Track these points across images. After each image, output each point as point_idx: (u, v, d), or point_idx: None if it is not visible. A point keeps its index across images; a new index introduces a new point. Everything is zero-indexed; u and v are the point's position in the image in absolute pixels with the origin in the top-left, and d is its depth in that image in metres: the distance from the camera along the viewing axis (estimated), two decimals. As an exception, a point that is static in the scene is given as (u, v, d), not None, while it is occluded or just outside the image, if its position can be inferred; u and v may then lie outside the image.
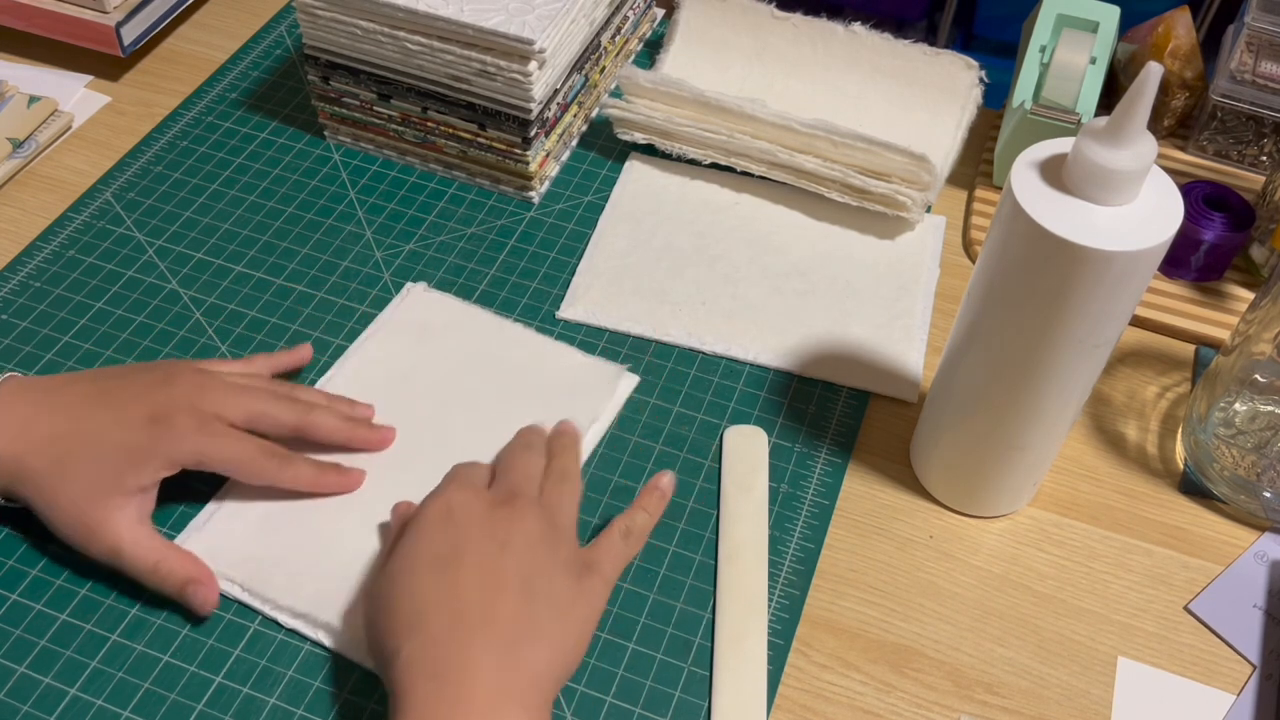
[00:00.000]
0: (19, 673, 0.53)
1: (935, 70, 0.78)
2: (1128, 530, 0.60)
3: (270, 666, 0.53)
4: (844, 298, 0.69)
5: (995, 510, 0.60)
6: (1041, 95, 0.69)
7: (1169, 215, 0.46)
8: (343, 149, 0.77)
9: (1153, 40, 0.77)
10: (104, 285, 0.68)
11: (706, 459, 0.61)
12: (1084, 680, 0.54)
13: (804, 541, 0.58)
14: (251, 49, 0.85)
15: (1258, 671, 0.55)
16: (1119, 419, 0.65)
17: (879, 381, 0.65)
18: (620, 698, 0.53)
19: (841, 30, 0.79)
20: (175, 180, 0.75)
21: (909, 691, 0.54)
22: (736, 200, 0.74)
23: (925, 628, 0.56)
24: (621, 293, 0.69)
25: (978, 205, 0.74)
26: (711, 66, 0.81)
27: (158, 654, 0.53)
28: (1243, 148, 0.76)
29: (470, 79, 0.68)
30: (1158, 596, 0.57)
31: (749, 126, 0.73)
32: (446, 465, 0.56)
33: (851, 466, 0.62)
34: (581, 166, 0.77)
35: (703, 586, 0.57)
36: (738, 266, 0.70)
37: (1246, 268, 0.70)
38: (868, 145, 0.70)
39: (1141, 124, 0.44)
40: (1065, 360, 0.50)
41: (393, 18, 0.68)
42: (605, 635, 0.55)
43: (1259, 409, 0.61)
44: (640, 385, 0.64)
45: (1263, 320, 0.56)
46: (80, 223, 0.72)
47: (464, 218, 0.73)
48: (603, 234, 0.72)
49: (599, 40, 0.76)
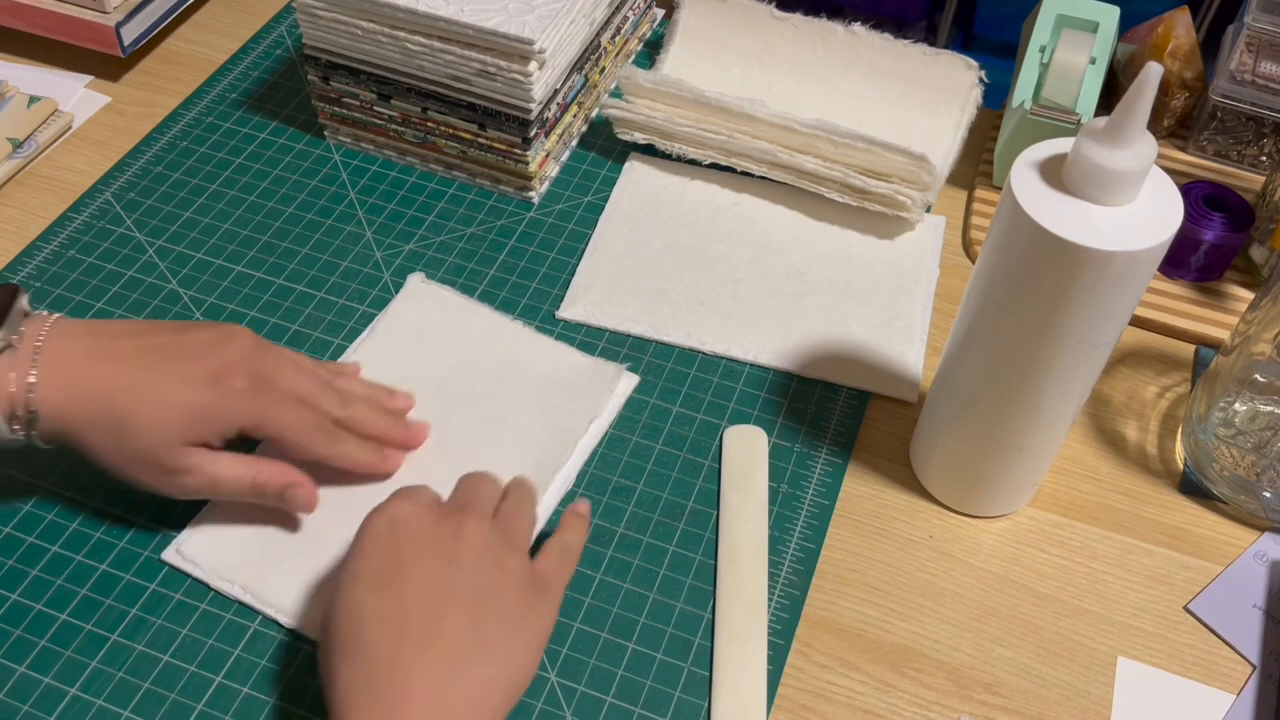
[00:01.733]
0: (19, 673, 0.53)
1: (935, 70, 0.78)
2: (1128, 530, 0.60)
3: (270, 666, 0.53)
4: (844, 298, 0.69)
5: (995, 510, 0.60)
6: (1041, 95, 0.69)
7: (1169, 215, 0.46)
8: (343, 149, 0.77)
9: (1153, 40, 0.77)
10: (104, 285, 0.68)
11: (706, 459, 0.61)
12: (1084, 680, 0.54)
13: (804, 541, 0.58)
14: (251, 49, 0.85)
15: (1258, 671, 0.55)
16: (1119, 419, 0.65)
17: (879, 381, 0.65)
18: (620, 698, 0.53)
19: (841, 30, 0.79)
20: (175, 180, 0.75)
21: (909, 691, 0.54)
22: (736, 200, 0.74)
23: (925, 628, 0.56)
24: (621, 293, 0.69)
25: (978, 205, 0.74)
26: (711, 66, 0.81)
27: (158, 654, 0.53)
28: (1242, 148, 0.76)
29: (470, 79, 0.68)
30: (1158, 596, 0.57)
31: (749, 126, 0.73)
32: (447, 466, 0.56)
33: (851, 466, 0.62)
34: (581, 166, 0.77)
35: (703, 586, 0.57)
36: (737, 267, 0.70)
37: (1246, 268, 0.70)
38: (867, 145, 0.70)
39: (1141, 124, 0.44)
40: (1065, 360, 0.50)
41: (393, 18, 0.68)
42: (605, 635, 0.55)
43: (1259, 409, 0.61)
44: (640, 385, 0.64)
45: (1263, 320, 0.56)
46: (80, 223, 0.72)
47: (464, 218, 0.73)
48: (602, 234, 0.72)
49: (599, 40, 0.76)
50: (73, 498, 0.58)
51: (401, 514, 0.49)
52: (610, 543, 0.58)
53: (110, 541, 0.57)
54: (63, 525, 0.58)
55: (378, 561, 0.48)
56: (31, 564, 0.56)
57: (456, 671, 0.45)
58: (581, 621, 0.55)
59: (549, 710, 0.52)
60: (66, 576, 0.56)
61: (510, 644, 0.47)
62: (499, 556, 0.49)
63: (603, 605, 0.56)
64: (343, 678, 0.45)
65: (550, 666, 0.54)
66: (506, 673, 0.47)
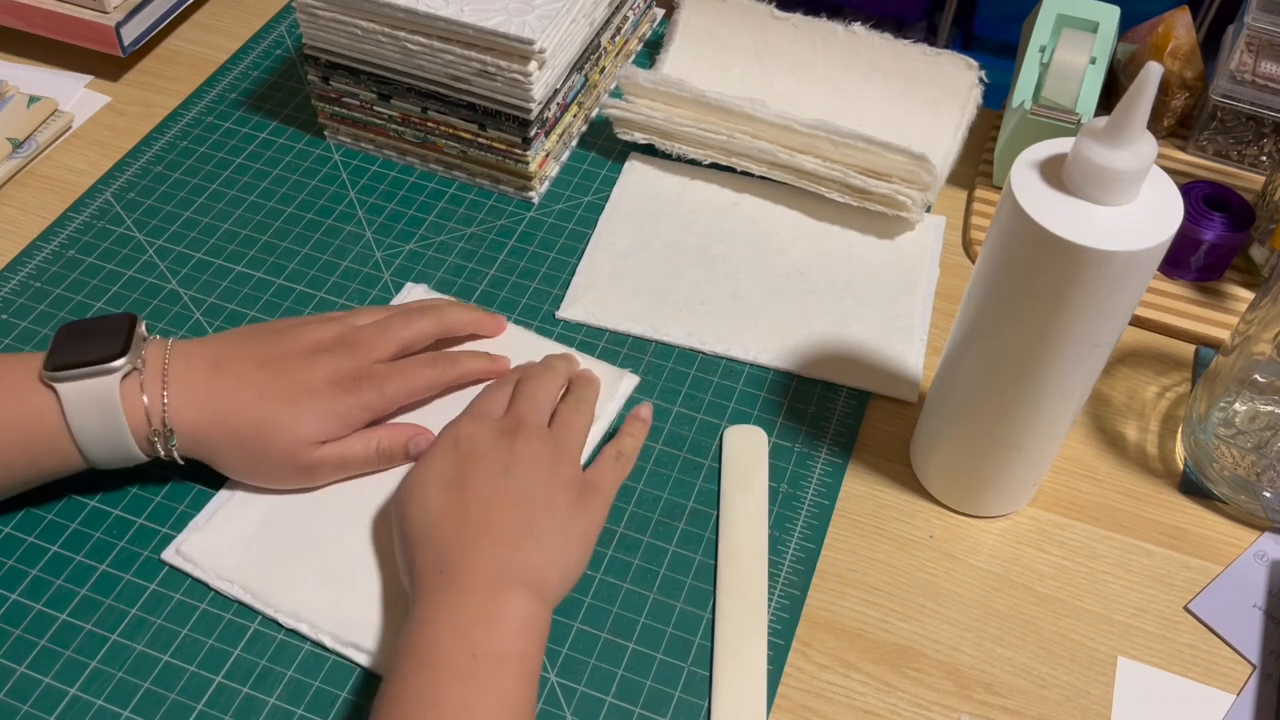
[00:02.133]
0: (19, 673, 0.53)
1: (935, 70, 0.78)
2: (1128, 530, 0.60)
3: (270, 666, 0.53)
4: (844, 298, 0.69)
5: (995, 510, 0.60)
6: (1041, 95, 0.69)
7: (1169, 215, 0.46)
8: (343, 149, 0.77)
9: (1153, 40, 0.77)
10: (104, 285, 0.68)
11: (706, 459, 0.61)
12: (1084, 680, 0.54)
13: (804, 541, 0.58)
14: (251, 49, 0.85)
15: (1258, 671, 0.55)
16: (1119, 419, 0.65)
17: (879, 381, 0.65)
18: (620, 698, 0.53)
19: (841, 30, 0.79)
20: (175, 180, 0.75)
21: (909, 691, 0.54)
22: (736, 200, 0.74)
23: (925, 628, 0.56)
24: (621, 293, 0.69)
25: (978, 205, 0.74)
26: (711, 66, 0.81)
27: (158, 654, 0.53)
28: (1243, 148, 0.76)
29: (470, 79, 0.68)
30: (1158, 596, 0.57)
31: (749, 126, 0.73)
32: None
33: (851, 466, 0.62)
34: (581, 166, 0.77)
35: (703, 586, 0.57)
36: (738, 266, 0.70)
37: (1246, 268, 0.70)
38: (868, 145, 0.70)
39: (1141, 124, 0.44)
40: (1065, 360, 0.50)
41: (393, 18, 0.68)
42: (605, 635, 0.55)
43: (1259, 409, 0.61)
44: (640, 385, 0.64)
45: (1263, 320, 0.56)
46: (80, 223, 0.72)
47: (464, 218, 0.73)
48: (603, 234, 0.72)
49: (599, 40, 0.76)
50: (73, 498, 0.58)
51: (465, 432, 0.55)
52: (610, 543, 0.58)
53: (110, 541, 0.57)
54: (63, 525, 0.58)
55: (444, 469, 0.54)
56: (31, 564, 0.56)
57: (511, 552, 0.51)
58: (581, 621, 0.55)
59: (549, 710, 0.52)
60: (66, 576, 0.56)
61: (561, 536, 0.52)
62: (550, 464, 0.54)
63: (603, 605, 0.56)
64: (418, 561, 0.51)
65: (550, 666, 0.54)
66: (558, 558, 0.52)
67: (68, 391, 0.52)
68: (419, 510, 0.53)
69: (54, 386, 0.53)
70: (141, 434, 0.54)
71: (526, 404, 0.57)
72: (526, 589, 0.50)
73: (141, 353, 0.54)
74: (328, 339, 0.58)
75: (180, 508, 0.58)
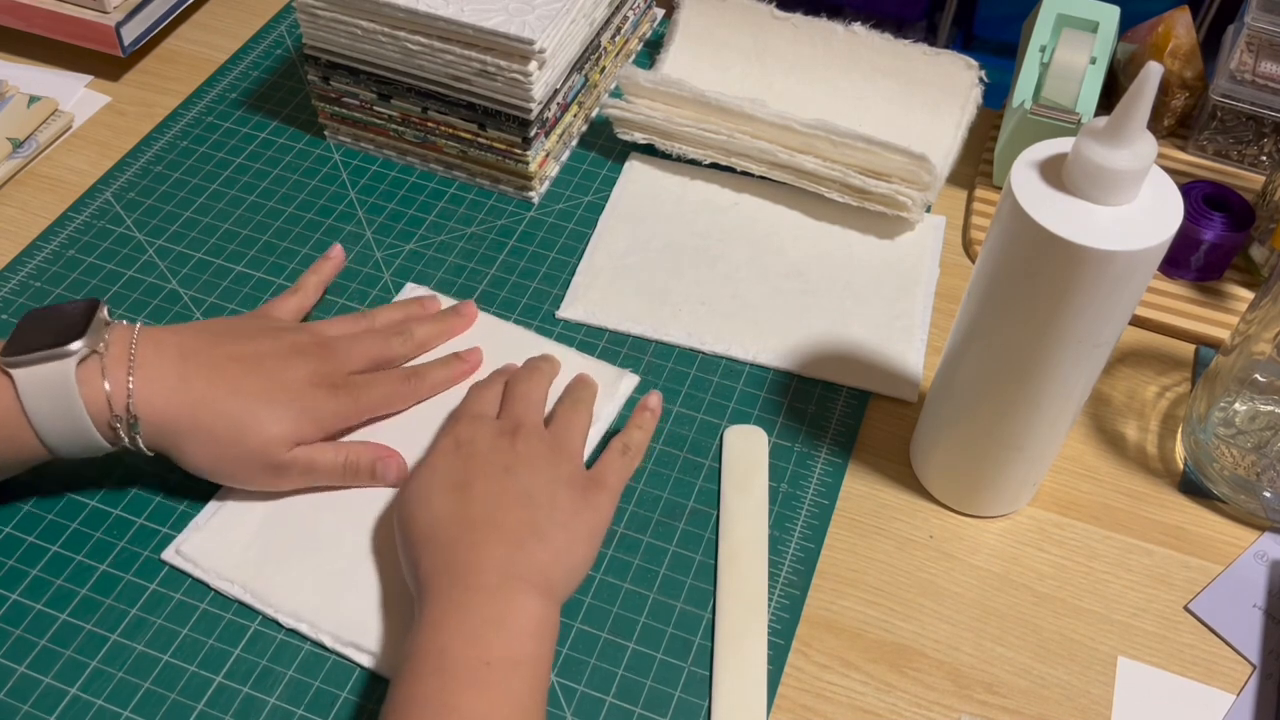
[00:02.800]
0: (19, 673, 0.53)
1: (935, 70, 0.78)
2: (1128, 530, 0.60)
3: (270, 666, 0.53)
4: (844, 298, 0.69)
5: (995, 510, 0.60)
6: (1041, 95, 0.69)
7: (1169, 215, 0.46)
8: (343, 149, 0.77)
9: (1153, 40, 0.77)
10: (104, 285, 0.68)
11: (706, 459, 0.61)
12: (1084, 680, 0.54)
13: (804, 541, 0.58)
14: (251, 49, 0.85)
15: (1258, 671, 0.55)
16: (1119, 419, 0.65)
17: (879, 381, 0.65)
18: (620, 698, 0.53)
19: (841, 30, 0.79)
20: (175, 180, 0.75)
21: (909, 691, 0.54)
22: (736, 200, 0.74)
23: (925, 628, 0.56)
24: (621, 293, 0.69)
25: (978, 205, 0.74)
26: (711, 66, 0.81)
27: (158, 654, 0.53)
28: (1243, 148, 0.76)
29: (470, 79, 0.68)
30: (1158, 596, 0.57)
31: (749, 126, 0.73)
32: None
33: (851, 466, 0.62)
34: (581, 166, 0.77)
35: (703, 586, 0.57)
36: (738, 266, 0.70)
37: (1246, 268, 0.70)
38: (867, 145, 0.70)
39: (1141, 124, 0.44)
40: (1065, 360, 0.50)
41: (393, 18, 0.68)
42: (605, 635, 0.55)
43: (1259, 409, 0.61)
44: (640, 385, 0.64)
45: (1263, 320, 0.56)
46: (80, 223, 0.72)
47: (464, 218, 0.73)
48: (603, 234, 0.72)
49: (599, 40, 0.76)
50: (73, 498, 0.58)
51: (464, 434, 0.56)
52: (610, 543, 0.58)
53: (110, 541, 0.57)
54: (63, 525, 0.58)
55: (446, 471, 0.54)
56: (31, 564, 0.56)
57: (517, 550, 0.51)
58: (581, 621, 0.55)
59: (549, 710, 0.52)
60: (66, 576, 0.56)
61: (565, 533, 0.52)
62: (551, 463, 0.55)
63: (603, 605, 0.56)
64: (424, 563, 0.51)
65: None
66: (563, 555, 0.52)
67: (22, 377, 0.51)
68: (423, 512, 0.53)
69: (9, 372, 0.51)
70: (103, 420, 0.52)
71: (521, 405, 0.58)
72: (534, 588, 0.50)
73: (105, 337, 0.53)
74: (305, 343, 0.58)
75: (180, 508, 0.58)
